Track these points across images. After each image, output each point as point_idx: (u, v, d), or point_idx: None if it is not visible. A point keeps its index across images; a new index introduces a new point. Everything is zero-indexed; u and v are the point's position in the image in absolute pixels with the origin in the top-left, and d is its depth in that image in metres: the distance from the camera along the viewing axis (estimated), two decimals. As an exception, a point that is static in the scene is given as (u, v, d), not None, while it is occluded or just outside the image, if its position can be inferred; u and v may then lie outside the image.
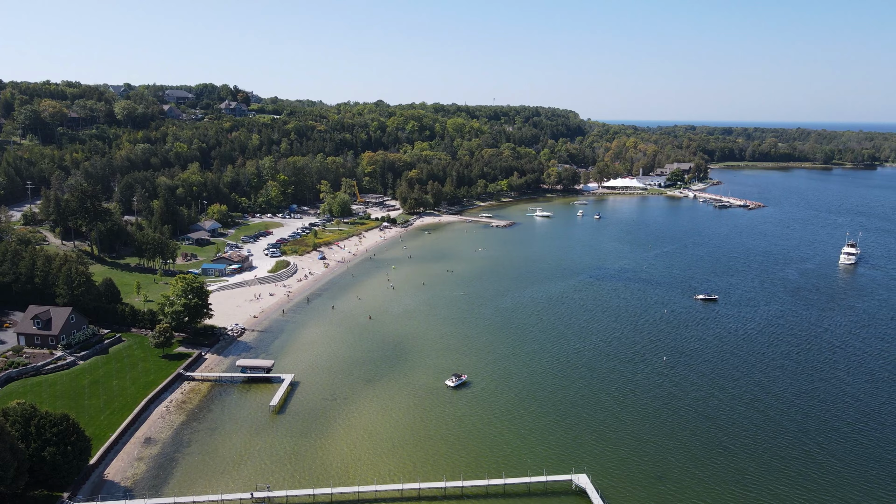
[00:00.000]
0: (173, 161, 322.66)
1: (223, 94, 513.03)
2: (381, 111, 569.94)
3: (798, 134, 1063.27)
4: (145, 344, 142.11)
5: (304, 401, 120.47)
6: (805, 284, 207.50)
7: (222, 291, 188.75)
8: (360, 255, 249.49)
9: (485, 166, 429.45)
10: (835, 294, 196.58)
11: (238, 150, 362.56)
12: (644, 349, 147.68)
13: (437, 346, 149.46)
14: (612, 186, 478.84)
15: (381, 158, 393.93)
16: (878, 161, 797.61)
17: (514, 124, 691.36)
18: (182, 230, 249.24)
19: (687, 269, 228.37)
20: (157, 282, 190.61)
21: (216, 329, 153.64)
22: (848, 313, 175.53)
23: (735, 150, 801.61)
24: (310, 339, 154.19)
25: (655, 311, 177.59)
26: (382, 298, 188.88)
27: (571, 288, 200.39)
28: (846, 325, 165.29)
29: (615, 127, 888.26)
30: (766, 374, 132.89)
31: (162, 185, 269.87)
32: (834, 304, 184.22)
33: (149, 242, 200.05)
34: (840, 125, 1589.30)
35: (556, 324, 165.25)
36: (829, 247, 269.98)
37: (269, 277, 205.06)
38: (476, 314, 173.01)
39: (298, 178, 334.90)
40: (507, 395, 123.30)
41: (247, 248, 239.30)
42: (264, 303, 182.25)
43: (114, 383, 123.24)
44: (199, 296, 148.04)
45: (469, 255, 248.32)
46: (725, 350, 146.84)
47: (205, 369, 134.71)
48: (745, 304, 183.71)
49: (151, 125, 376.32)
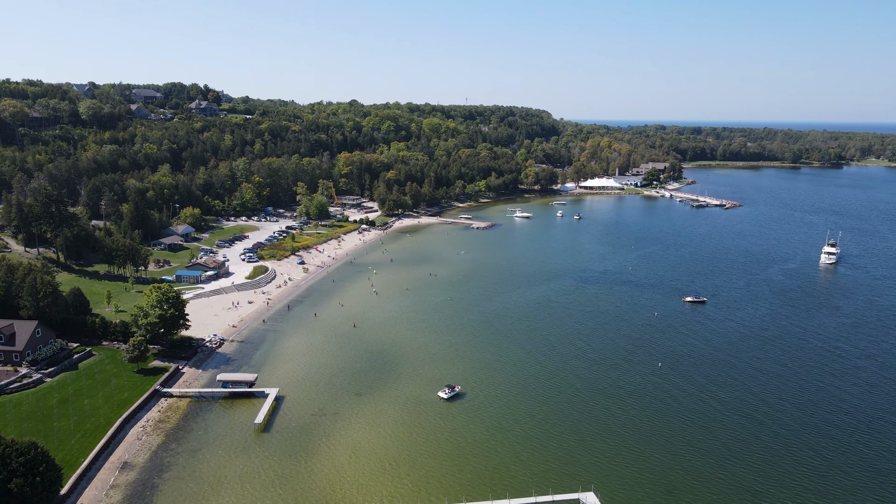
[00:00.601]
0: (143, 163, 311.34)
1: (193, 93, 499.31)
2: (356, 111, 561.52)
3: (765, 133, 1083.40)
4: (118, 358, 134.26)
5: (291, 417, 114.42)
6: (790, 285, 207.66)
7: (198, 299, 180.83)
8: (339, 259, 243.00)
9: (462, 167, 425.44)
10: (820, 295, 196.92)
11: (210, 151, 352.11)
12: (637, 355, 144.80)
13: (426, 354, 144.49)
14: (589, 186, 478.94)
15: (357, 159, 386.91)
16: (843, 160, 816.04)
17: (489, 124, 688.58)
18: (154, 235, 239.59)
19: (671, 270, 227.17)
20: (129, 290, 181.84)
21: (193, 340, 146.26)
22: (835, 315, 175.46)
23: (706, 150, 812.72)
24: (293, 349, 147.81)
25: (644, 314, 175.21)
26: (366, 304, 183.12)
27: (557, 291, 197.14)
28: (834, 327, 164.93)
29: (588, 126, 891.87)
30: (761, 381, 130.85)
31: (131, 188, 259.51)
32: (820, 306, 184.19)
33: (119, 249, 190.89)
34: (805, 125, 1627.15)
35: (545, 330, 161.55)
36: (808, 246, 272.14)
37: (247, 284, 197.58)
38: (463, 320, 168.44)
39: (274, 179, 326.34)
40: (502, 407, 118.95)
41: (222, 254, 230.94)
42: (243, 311, 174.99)
43: (85, 402, 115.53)
44: (176, 306, 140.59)
45: (451, 258, 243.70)
46: (719, 355, 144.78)
47: (183, 384, 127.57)
48: (734, 307, 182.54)
49: (119, 125, 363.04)
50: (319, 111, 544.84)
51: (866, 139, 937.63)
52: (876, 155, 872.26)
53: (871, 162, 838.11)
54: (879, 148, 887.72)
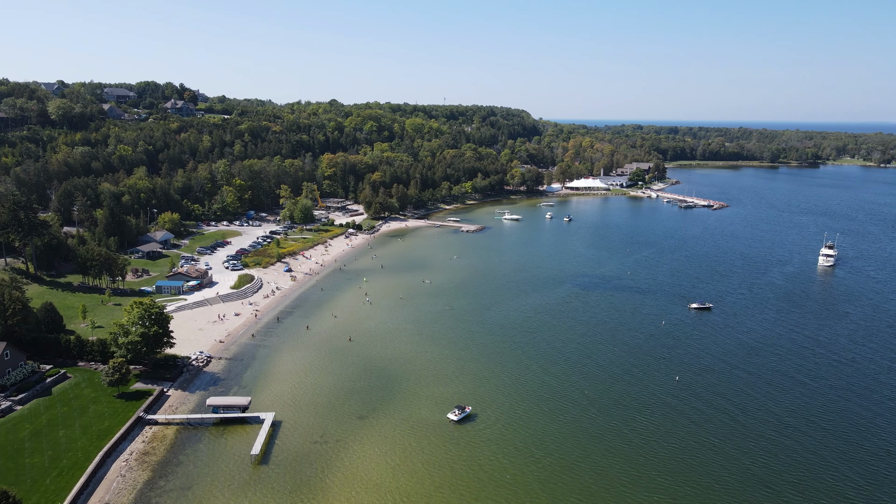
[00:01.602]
0: (117, 165, 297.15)
1: (168, 92, 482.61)
2: (337, 111, 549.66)
3: (741, 133, 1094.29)
4: (96, 381, 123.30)
5: (290, 446, 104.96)
6: (793, 290, 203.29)
7: (181, 312, 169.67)
8: (328, 266, 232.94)
9: (448, 168, 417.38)
10: (825, 300, 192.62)
11: (188, 152, 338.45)
12: (652, 368, 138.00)
13: (430, 370, 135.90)
14: (575, 187, 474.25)
15: (341, 160, 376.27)
16: (820, 160, 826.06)
17: (471, 124, 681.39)
18: (130, 242, 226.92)
19: (671, 275, 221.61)
20: (106, 303, 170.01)
21: (178, 359, 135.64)
22: (845, 323, 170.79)
23: (686, 150, 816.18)
24: (286, 367, 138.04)
25: (652, 323, 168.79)
26: (360, 315, 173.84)
27: (557, 299, 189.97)
28: (847, 335, 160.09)
29: (568, 126, 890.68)
30: (784, 402, 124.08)
31: (106, 193, 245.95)
32: (828, 313, 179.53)
33: (94, 258, 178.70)
34: (779, 124, 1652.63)
35: (552, 341, 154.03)
36: (803, 248, 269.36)
37: (233, 294, 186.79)
38: (464, 332, 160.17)
39: (255, 182, 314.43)
40: (517, 429, 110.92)
41: (204, 261, 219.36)
42: (230, 324, 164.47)
43: (60, 433, 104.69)
44: (160, 323, 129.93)
45: (444, 264, 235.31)
46: (736, 367, 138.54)
47: (169, 410, 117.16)
48: (741, 314, 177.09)
49: (91, 126, 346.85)
50: (300, 111, 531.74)
51: (840, 139, 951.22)
52: (851, 154, 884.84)
53: (847, 161, 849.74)
54: (854, 147, 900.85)
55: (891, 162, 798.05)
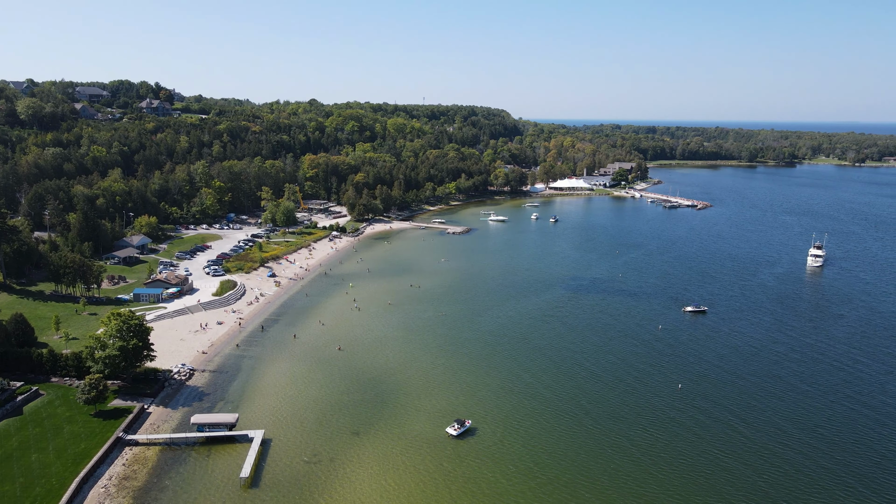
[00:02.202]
0: (91, 167, 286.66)
1: (143, 91, 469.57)
2: (318, 111, 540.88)
3: (717, 133, 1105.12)
4: (71, 398, 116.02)
5: (281, 466, 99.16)
6: (785, 291, 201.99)
7: (161, 321, 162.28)
8: (312, 270, 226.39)
9: (431, 168, 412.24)
10: (818, 302, 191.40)
11: (165, 153, 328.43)
12: (652, 376, 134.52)
13: (424, 381, 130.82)
14: (559, 187, 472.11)
15: (323, 161, 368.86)
16: (796, 159, 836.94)
17: (453, 124, 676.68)
18: (106, 247, 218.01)
19: (662, 277, 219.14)
20: (80, 313, 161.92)
21: (159, 373, 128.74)
22: (841, 325, 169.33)
23: (666, 149, 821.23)
24: (274, 379, 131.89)
25: (648, 327, 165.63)
26: (349, 323, 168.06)
27: (550, 303, 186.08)
28: (844, 339, 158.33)
29: (548, 126, 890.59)
30: (788, 410, 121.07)
31: (79, 196, 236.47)
32: (822, 315, 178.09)
33: (67, 265, 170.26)
34: (754, 124, 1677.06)
35: (548, 348, 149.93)
36: (790, 249, 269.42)
37: (215, 301, 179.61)
38: (457, 339, 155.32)
39: (235, 184, 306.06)
40: (519, 444, 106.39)
41: (184, 267, 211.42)
42: (213, 334, 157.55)
43: (33, 458, 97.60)
44: (139, 335, 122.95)
45: (432, 267, 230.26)
46: (737, 375, 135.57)
47: (150, 429, 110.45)
48: (736, 317, 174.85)
49: (62, 126, 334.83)
50: (279, 111, 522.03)
51: (815, 138, 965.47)
52: (825, 154, 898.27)
53: (822, 161, 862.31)
54: (828, 147, 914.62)
55: (865, 161, 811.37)
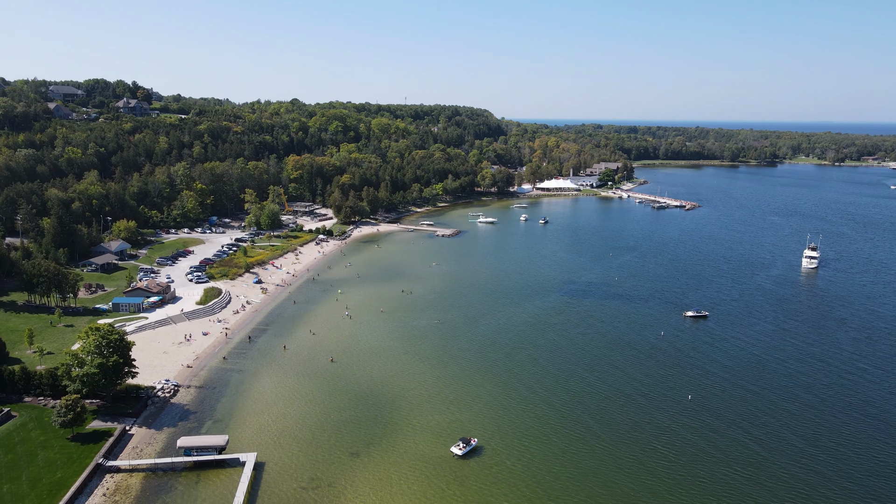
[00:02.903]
0: (65, 169, 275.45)
1: (119, 90, 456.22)
2: (300, 111, 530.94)
3: (698, 132, 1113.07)
4: (46, 421, 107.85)
5: (277, 494, 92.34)
6: (784, 294, 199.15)
7: (142, 333, 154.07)
8: (300, 276, 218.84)
9: (417, 169, 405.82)
10: (818, 305, 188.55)
11: (144, 155, 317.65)
12: (658, 387, 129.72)
13: (423, 396, 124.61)
14: (546, 188, 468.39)
15: (307, 162, 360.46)
16: (777, 159, 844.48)
17: (437, 124, 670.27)
18: (82, 254, 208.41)
19: (658, 280, 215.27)
20: (56, 325, 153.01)
21: (142, 390, 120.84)
22: (844, 329, 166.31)
23: (649, 149, 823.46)
24: (264, 395, 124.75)
25: (649, 334, 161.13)
26: (340, 332, 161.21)
27: (547, 309, 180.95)
28: (850, 344, 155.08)
29: (531, 126, 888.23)
30: (802, 420, 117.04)
31: (53, 199, 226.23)
32: (824, 318, 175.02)
33: (41, 273, 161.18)
34: (733, 123, 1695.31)
35: (548, 358, 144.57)
36: (783, 250, 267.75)
37: (200, 311, 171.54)
38: (453, 349, 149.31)
39: (217, 186, 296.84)
40: (527, 465, 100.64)
41: (165, 273, 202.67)
42: (198, 345, 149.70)
43: (4, 489, 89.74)
44: (119, 351, 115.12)
45: (423, 272, 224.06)
46: (746, 386, 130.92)
47: (133, 453, 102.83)
48: (738, 322, 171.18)
49: (35, 126, 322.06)
50: (261, 111, 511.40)
51: (794, 138, 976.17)
52: (805, 153, 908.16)
53: (802, 160, 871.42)
54: (807, 146, 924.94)
55: (844, 161, 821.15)
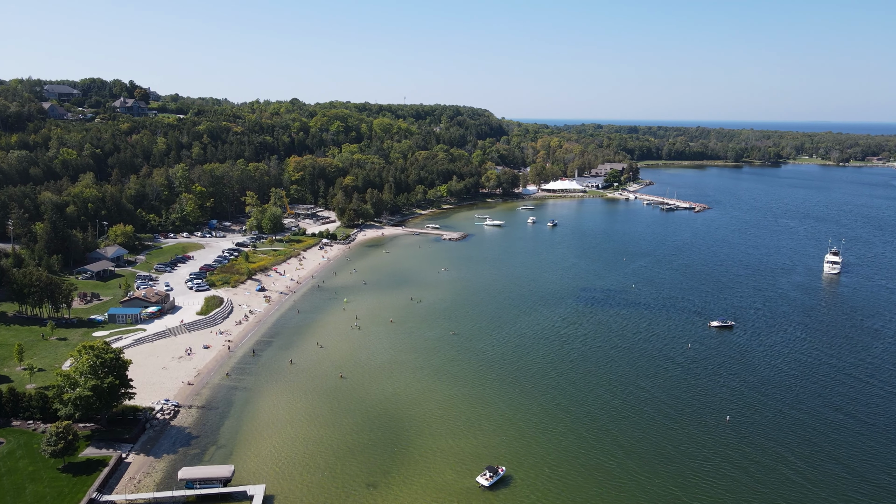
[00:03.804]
0: (60, 171, 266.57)
1: (116, 90, 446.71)
2: (301, 110, 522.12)
3: (699, 132, 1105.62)
4: (35, 448, 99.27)
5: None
6: (810, 303, 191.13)
7: (140, 346, 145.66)
8: (304, 283, 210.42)
9: (421, 170, 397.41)
10: (848, 315, 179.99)
11: (141, 156, 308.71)
12: (693, 406, 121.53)
13: (442, 417, 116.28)
14: (551, 189, 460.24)
15: (309, 164, 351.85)
16: (781, 159, 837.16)
17: (439, 124, 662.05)
18: (77, 260, 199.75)
19: (677, 287, 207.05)
20: (48, 338, 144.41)
21: (140, 412, 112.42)
22: (879, 341, 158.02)
23: (652, 149, 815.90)
24: (272, 416, 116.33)
25: (675, 346, 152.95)
26: (349, 345, 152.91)
27: (564, 319, 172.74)
28: (890, 358, 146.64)
29: (533, 126, 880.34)
30: (852, 443, 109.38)
31: (47, 203, 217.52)
32: (857, 331, 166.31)
33: (32, 283, 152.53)
34: (733, 123, 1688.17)
35: (572, 375, 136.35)
36: (802, 254, 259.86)
37: (200, 322, 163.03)
38: (470, 364, 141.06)
39: (217, 188, 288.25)
40: (560, 497, 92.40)
41: (164, 281, 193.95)
42: (199, 360, 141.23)
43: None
44: (116, 371, 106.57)
45: (432, 278, 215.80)
46: (785, 408, 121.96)
47: (130, 485, 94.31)
48: (766, 333, 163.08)
49: (29, 127, 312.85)
50: (261, 111, 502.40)
51: (797, 138, 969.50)
52: (808, 153, 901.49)
53: (806, 160, 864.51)
54: (810, 146, 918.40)
55: (848, 161, 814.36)
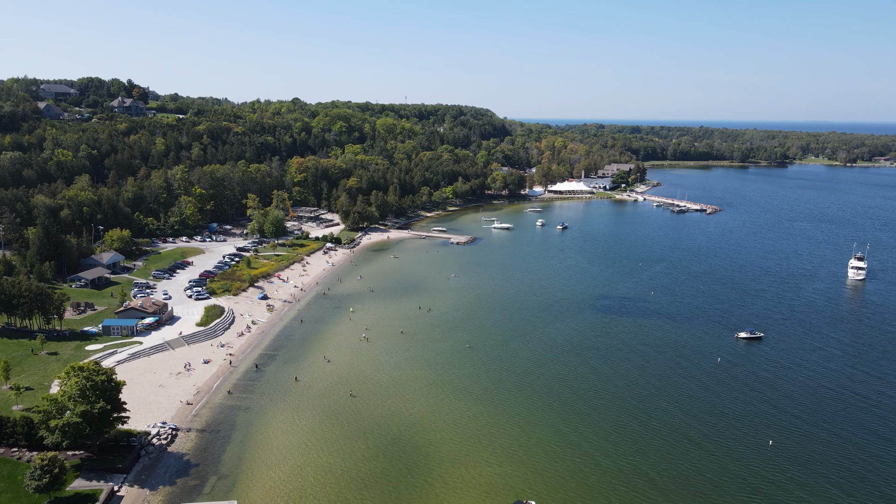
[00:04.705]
0: (55, 173, 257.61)
1: (115, 89, 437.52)
2: (303, 110, 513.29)
3: (702, 132, 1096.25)
4: (19, 480, 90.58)
5: (299, 582, 75.30)
6: (839, 312, 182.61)
7: (135, 361, 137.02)
8: (308, 290, 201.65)
9: (426, 171, 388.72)
10: (880, 325, 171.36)
11: (139, 157, 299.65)
12: (731, 430, 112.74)
13: (461, 441, 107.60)
14: (558, 190, 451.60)
15: (312, 165, 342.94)
16: (788, 159, 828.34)
17: (443, 124, 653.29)
18: (71, 267, 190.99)
19: (696, 295, 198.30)
20: (38, 353, 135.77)
21: (134, 437, 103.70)
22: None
23: (657, 150, 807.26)
24: (277, 441, 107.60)
25: (703, 360, 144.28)
26: (358, 359, 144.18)
27: (582, 330, 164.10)
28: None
29: (535, 126, 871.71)
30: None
31: (40, 207, 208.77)
32: (894, 343, 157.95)
33: (21, 294, 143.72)
34: (735, 123, 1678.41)
35: (597, 392, 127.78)
36: (823, 259, 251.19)
37: (200, 333, 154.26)
38: (488, 381, 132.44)
39: (218, 190, 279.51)
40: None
41: (162, 289, 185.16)
42: (198, 376, 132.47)
43: (-39, 580, 72.49)
44: (107, 395, 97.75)
45: (442, 285, 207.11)
46: (830, 429, 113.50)
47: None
48: (797, 346, 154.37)
49: (23, 127, 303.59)
50: (262, 110, 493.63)
51: (801, 138, 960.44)
52: (814, 154, 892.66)
53: (812, 160, 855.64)
54: (816, 146, 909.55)
55: (856, 161, 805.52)
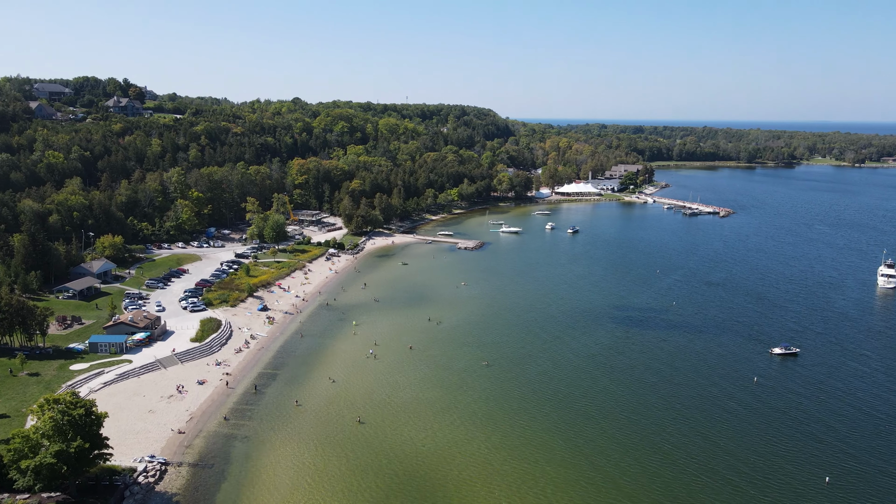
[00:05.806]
0: (44, 176, 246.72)
1: (110, 88, 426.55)
2: (303, 110, 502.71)
3: (706, 132, 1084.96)
4: (-15, 530, 79.95)
5: None
6: (874, 324, 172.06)
7: (124, 382, 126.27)
8: (311, 300, 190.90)
9: (430, 173, 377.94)
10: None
11: (134, 159, 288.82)
12: (780, 464, 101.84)
13: (484, 478, 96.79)
14: (566, 192, 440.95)
15: (313, 166, 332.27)
16: (795, 160, 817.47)
17: (446, 124, 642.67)
18: (59, 277, 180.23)
19: (721, 306, 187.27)
20: (17, 373, 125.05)
21: (118, 475, 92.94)
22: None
23: (663, 150, 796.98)
24: (278, 477, 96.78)
25: (738, 380, 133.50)
26: (365, 379, 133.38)
27: (605, 346, 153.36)
28: None
29: (539, 126, 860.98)
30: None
31: (27, 212, 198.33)
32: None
33: (1, 308, 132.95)
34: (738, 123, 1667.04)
35: (624, 413, 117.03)
36: (849, 266, 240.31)
37: (194, 350, 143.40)
38: (508, 405, 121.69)
39: (216, 193, 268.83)
40: None
41: (155, 300, 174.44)
42: (192, 400, 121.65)
43: None
44: (86, 431, 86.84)
45: (451, 294, 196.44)
46: (891, 459, 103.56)
47: (100, 584, 74.82)
48: (837, 363, 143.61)
49: (13, 128, 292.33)
50: (262, 110, 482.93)
51: (808, 138, 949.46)
52: (821, 154, 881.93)
53: (819, 161, 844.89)
54: (822, 147, 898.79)
55: (864, 162, 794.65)
